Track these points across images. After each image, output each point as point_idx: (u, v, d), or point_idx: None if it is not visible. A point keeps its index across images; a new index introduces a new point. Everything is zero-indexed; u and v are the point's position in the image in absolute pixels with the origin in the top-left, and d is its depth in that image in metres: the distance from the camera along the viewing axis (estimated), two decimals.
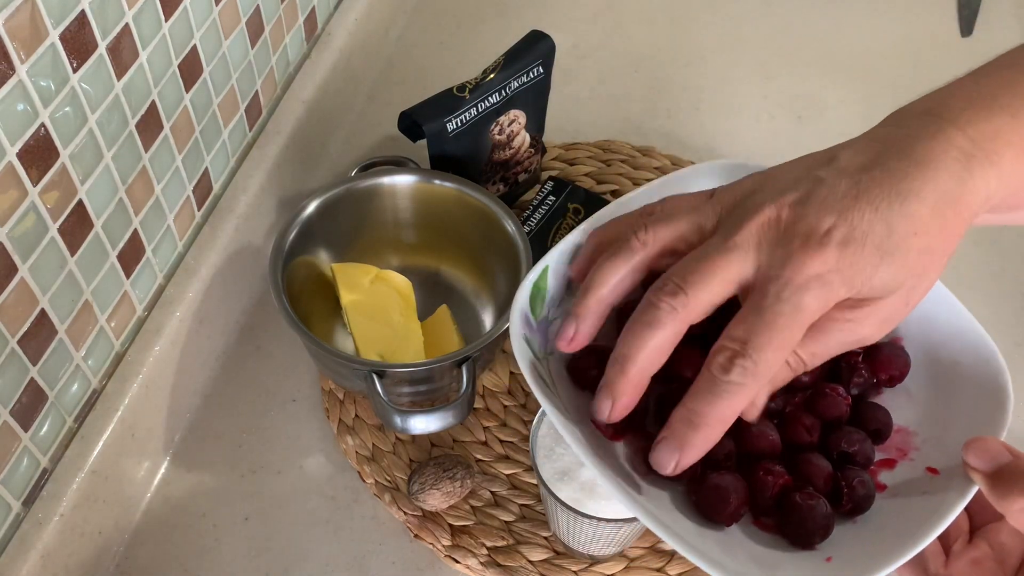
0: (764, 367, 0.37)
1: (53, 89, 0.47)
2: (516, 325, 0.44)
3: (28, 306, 0.49)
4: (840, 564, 0.39)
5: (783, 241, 0.38)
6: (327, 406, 0.66)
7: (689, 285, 0.38)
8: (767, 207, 0.38)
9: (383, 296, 0.66)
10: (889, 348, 0.46)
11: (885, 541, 0.38)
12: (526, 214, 0.74)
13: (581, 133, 0.85)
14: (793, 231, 0.37)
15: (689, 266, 0.39)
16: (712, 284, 0.38)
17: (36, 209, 0.48)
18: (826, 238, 0.37)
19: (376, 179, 0.66)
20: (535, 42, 0.68)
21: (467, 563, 0.59)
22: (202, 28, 0.61)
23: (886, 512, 0.41)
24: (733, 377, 0.37)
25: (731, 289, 0.39)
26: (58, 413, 0.54)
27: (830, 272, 0.37)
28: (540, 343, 0.45)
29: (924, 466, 0.42)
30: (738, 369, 0.37)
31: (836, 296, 0.37)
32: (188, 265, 0.64)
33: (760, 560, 0.40)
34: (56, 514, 0.53)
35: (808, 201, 0.38)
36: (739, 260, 0.38)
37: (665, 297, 0.39)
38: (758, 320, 0.37)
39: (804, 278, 0.36)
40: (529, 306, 0.45)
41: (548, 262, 0.46)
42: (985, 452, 0.38)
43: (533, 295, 0.45)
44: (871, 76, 0.90)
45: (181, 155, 0.62)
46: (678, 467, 0.39)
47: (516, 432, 0.65)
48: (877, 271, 0.37)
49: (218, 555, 0.60)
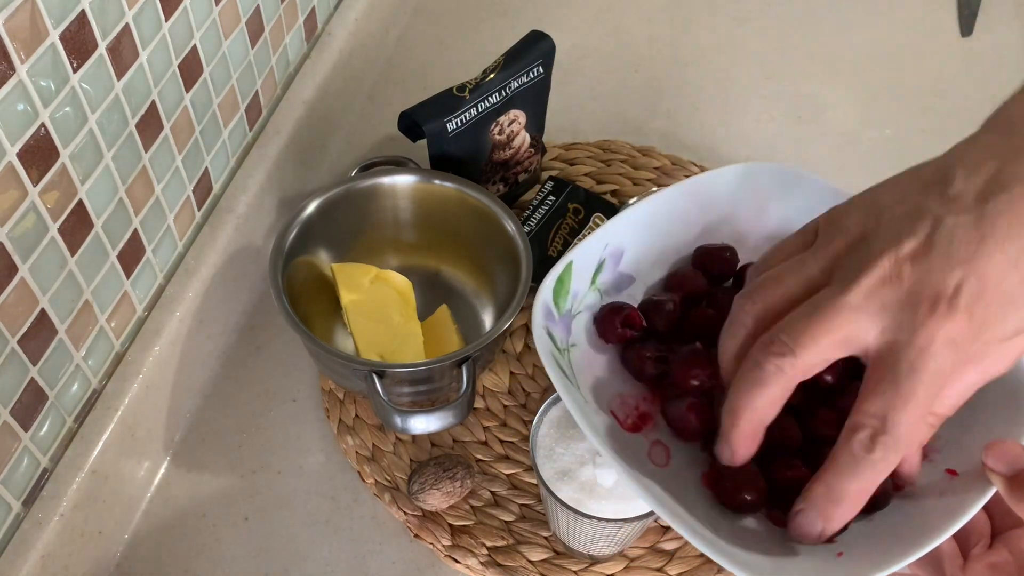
0: (906, 441, 0.36)
1: (53, 89, 0.47)
2: (538, 317, 0.44)
3: (28, 306, 0.49)
4: (851, 559, 0.39)
5: (909, 306, 0.36)
6: (327, 406, 0.66)
7: (799, 346, 0.37)
8: (884, 259, 0.36)
9: (383, 296, 0.66)
10: None
11: (897, 539, 0.39)
12: (526, 214, 0.74)
13: (581, 133, 0.85)
14: (919, 294, 0.35)
15: (799, 324, 0.37)
16: (823, 344, 0.37)
17: (36, 209, 0.48)
18: (955, 300, 0.35)
19: (376, 179, 0.66)
20: (535, 42, 0.68)
21: (467, 563, 0.59)
22: (202, 28, 0.61)
23: (902, 511, 0.41)
24: (876, 456, 0.36)
25: (846, 351, 0.37)
26: (58, 413, 0.54)
27: (962, 334, 0.35)
28: (562, 336, 0.45)
29: (944, 467, 0.42)
30: (880, 448, 0.36)
31: (968, 353, 0.36)
32: (188, 265, 0.64)
33: (771, 552, 0.40)
34: (56, 514, 0.53)
35: (930, 252, 0.36)
36: (857, 321, 0.37)
37: (772, 358, 0.37)
38: (895, 394, 0.36)
39: (938, 346, 0.35)
40: (552, 299, 0.45)
41: (572, 258, 0.46)
42: (1005, 455, 0.38)
43: (557, 289, 0.46)
44: (871, 76, 0.90)
45: (181, 155, 0.62)
46: (821, 537, 0.39)
47: (516, 432, 0.65)
48: (1007, 319, 0.36)
49: (218, 555, 0.60)
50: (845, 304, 0.36)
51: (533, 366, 0.68)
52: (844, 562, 0.39)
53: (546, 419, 0.54)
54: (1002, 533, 0.41)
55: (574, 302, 0.47)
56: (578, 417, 0.40)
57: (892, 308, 0.36)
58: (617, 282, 0.49)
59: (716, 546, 0.38)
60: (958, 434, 0.43)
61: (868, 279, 0.36)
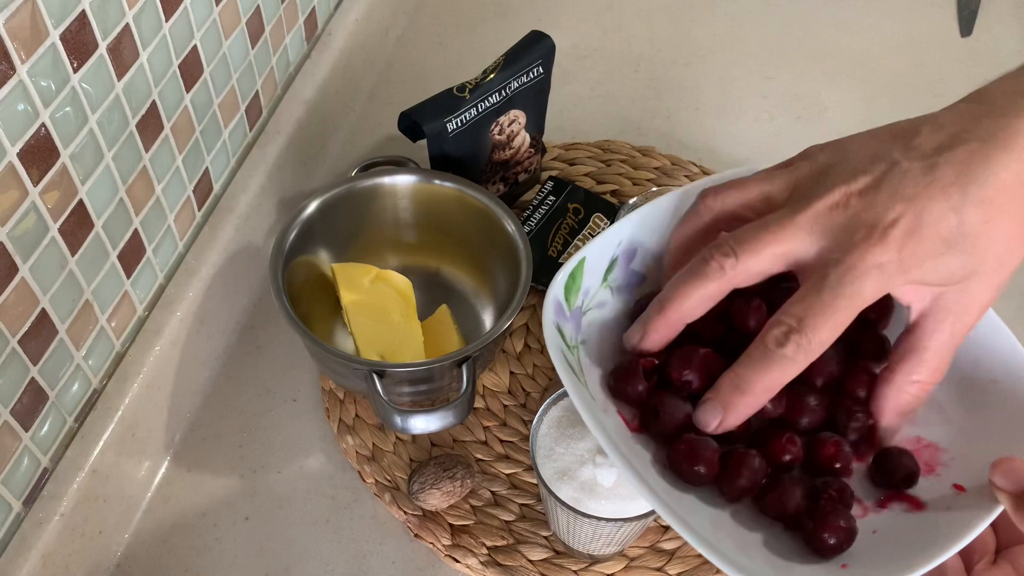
0: (816, 345, 0.38)
1: (53, 89, 0.47)
2: (549, 312, 0.44)
3: (28, 306, 0.49)
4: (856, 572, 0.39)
5: (848, 229, 0.39)
6: (327, 406, 0.66)
7: (743, 251, 0.40)
8: (837, 190, 0.39)
9: (383, 296, 0.66)
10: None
11: (902, 554, 0.39)
12: (526, 214, 0.74)
13: (581, 133, 0.85)
14: (859, 220, 0.38)
15: (748, 233, 0.41)
16: (764, 255, 0.40)
17: (36, 209, 0.48)
18: (890, 229, 0.38)
19: (376, 179, 0.66)
20: (535, 42, 0.68)
21: (467, 563, 0.59)
22: (202, 28, 0.61)
23: (908, 525, 0.41)
24: (787, 351, 0.38)
25: (783, 264, 0.40)
26: (58, 413, 0.55)
27: (890, 263, 0.38)
28: (572, 332, 0.46)
29: (951, 483, 0.42)
30: (792, 344, 0.38)
31: (892, 285, 0.38)
32: (188, 265, 0.64)
33: (774, 562, 0.40)
34: (56, 514, 0.53)
35: (879, 188, 0.39)
36: (798, 239, 0.39)
37: (718, 256, 0.40)
38: (817, 301, 0.38)
39: (865, 266, 0.38)
40: (564, 295, 0.46)
41: (585, 254, 0.47)
42: (1011, 472, 0.38)
43: (568, 285, 0.46)
44: (871, 76, 0.90)
45: (181, 155, 0.62)
46: (720, 427, 0.41)
47: (516, 432, 0.65)
48: (943, 261, 0.38)
49: (218, 554, 0.60)
50: (792, 223, 0.40)
51: (533, 366, 0.68)
52: (847, 574, 0.39)
53: (546, 419, 0.54)
54: (1007, 548, 0.41)
55: (585, 299, 0.47)
56: (585, 414, 0.41)
57: (833, 231, 0.39)
58: (629, 281, 0.49)
59: (717, 550, 0.38)
60: (965, 449, 0.43)
61: (819, 204, 0.39)
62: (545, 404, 0.54)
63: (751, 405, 0.40)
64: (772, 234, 0.40)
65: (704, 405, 0.41)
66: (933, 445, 0.44)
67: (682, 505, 0.41)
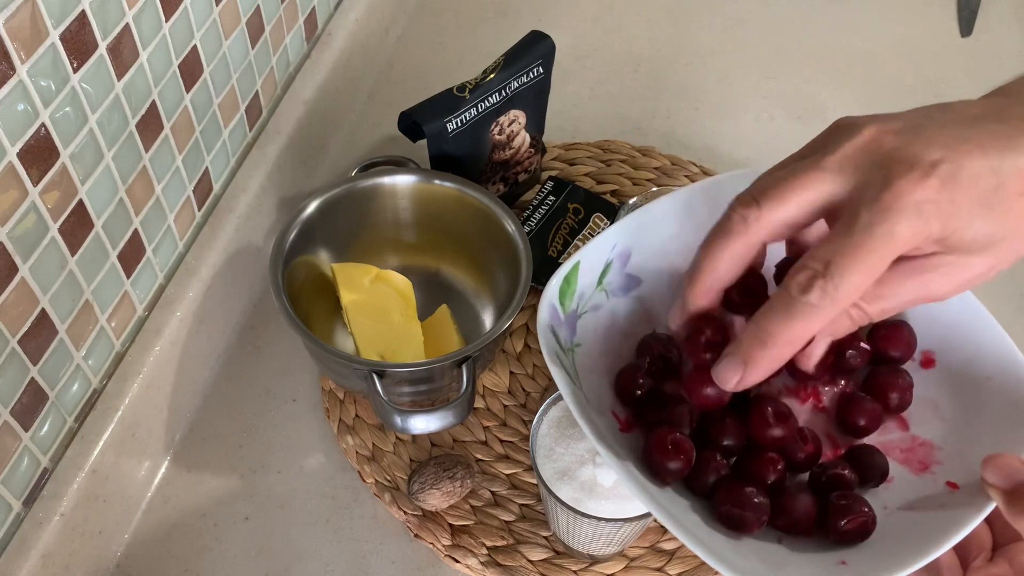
0: (844, 292, 0.35)
1: (53, 89, 0.47)
2: (544, 316, 0.44)
3: (28, 306, 0.49)
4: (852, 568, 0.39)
5: (883, 164, 0.35)
6: (327, 406, 0.66)
7: (765, 198, 0.37)
8: (867, 129, 0.36)
9: (383, 296, 0.66)
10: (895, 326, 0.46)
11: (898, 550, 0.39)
12: (526, 214, 0.74)
13: (581, 133, 0.85)
14: (896, 156, 0.35)
15: (770, 180, 0.37)
16: (789, 201, 0.37)
17: (36, 209, 0.48)
18: (932, 169, 0.34)
19: (376, 179, 0.66)
20: (535, 42, 0.68)
21: (467, 563, 0.59)
22: (202, 28, 0.61)
23: (903, 523, 0.41)
24: (811, 298, 0.35)
25: (812, 211, 0.37)
26: (58, 413, 0.55)
27: (930, 203, 0.34)
28: (567, 335, 0.45)
29: (944, 480, 0.42)
30: (817, 291, 0.35)
31: (929, 232, 0.35)
32: (188, 265, 0.64)
33: (768, 560, 0.40)
34: (56, 514, 0.53)
35: (917, 131, 0.35)
36: (828, 181, 0.36)
37: (739, 208, 0.37)
38: (846, 242, 0.35)
39: (902, 204, 0.34)
40: (559, 299, 0.45)
41: (580, 258, 0.46)
42: (1002, 469, 0.37)
43: (563, 289, 0.46)
44: (871, 76, 0.90)
45: (181, 155, 0.62)
46: (740, 384, 0.38)
47: (516, 432, 0.65)
48: (975, 221, 0.35)
49: (218, 554, 0.60)
50: (818, 167, 0.36)
51: (533, 366, 0.68)
52: (845, 571, 0.39)
53: (546, 419, 0.54)
54: (1003, 546, 0.41)
55: (580, 302, 0.47)
56: (579, 417, 0.40)
57: (864, 167, 0.35)
58: (624, 284, 0.49)
59: (713, 550, 0.38)
60: (959, 447, 0.43)
61: (848, 146, 0.36)
62: (545, 404, 0.54)
63: (774, 359, 0.37)
64: (797, 178, 0.36)
65: (723, 360, 0.38)
66: (928, 443, 0.44)
67: (676, 506, 0.41)
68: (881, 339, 0.46)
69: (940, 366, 0.46)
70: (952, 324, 0.45)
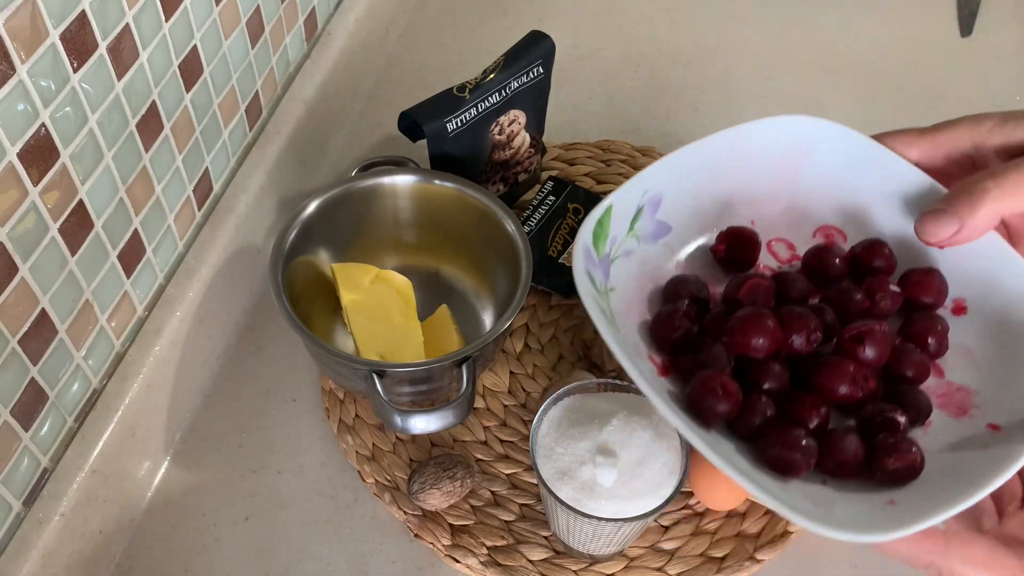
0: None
1: (53, 89, 0.47)
2: (579, 260, 0.44)
3: (28, 306, 0.49)
4: (900, 508, 0.39)
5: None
6: (327, 406, 0.66)
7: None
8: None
9: (383, 296, 0.66)
10: (926, 272, 0.46)
11: (945, 490, 0.39)
12: (526, 214, 0.74)
13: (581, 133, 0.85)
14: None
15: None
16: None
17: (36, 209, 0.48)
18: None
19: (376, 179, 0.66)
20: (535, 42, 0.68)
21: (467, 563, 0.59)
22: (202, 28, 0.61)
23: (947, 464, 0.41)
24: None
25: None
26: (58, 413, 0.55)
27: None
28: (601, 278, 0.46)
29: (985, 423, 0.42)
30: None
31: None
32: (188, 265, 0.64)
33: (818, 500, 0.40)
34: (56, 514, 0.53)
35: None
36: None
37: None
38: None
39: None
40: (592, 241, 0.46)
41: (612, 202, 0.46)
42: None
43: (596, 233, 0.46)
44: (871, 76, 0.90)
45: (181, 155, 0.62)
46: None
47: (516, 432, 0.65)
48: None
49: (218, 554, 0.60)
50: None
51: (533, 366, 0.68)
52: (894, 510, 0.39)
53: (546, 419, 0.54)
54: None
55: (612, 247, 0.47)
56: (624, 360, 0.40)
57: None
58: (655, 231, 0.49)
59: (767, 489, 0.38)
60: (997, 391, 0.44)
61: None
62: (545, 404, 0.54)
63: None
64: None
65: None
66: (964, 388, 0.45)
67: (723, 447, 0.41)
68: (912, 285, 0.46)
69: (972, 313, 0.46)
70: (984, 271, 0.45)
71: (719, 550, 0.59)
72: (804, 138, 0.51)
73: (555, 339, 0.70)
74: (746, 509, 0.60)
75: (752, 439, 0.42)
